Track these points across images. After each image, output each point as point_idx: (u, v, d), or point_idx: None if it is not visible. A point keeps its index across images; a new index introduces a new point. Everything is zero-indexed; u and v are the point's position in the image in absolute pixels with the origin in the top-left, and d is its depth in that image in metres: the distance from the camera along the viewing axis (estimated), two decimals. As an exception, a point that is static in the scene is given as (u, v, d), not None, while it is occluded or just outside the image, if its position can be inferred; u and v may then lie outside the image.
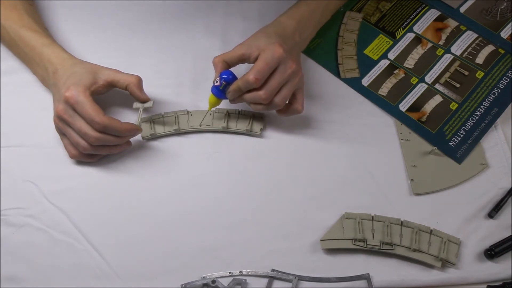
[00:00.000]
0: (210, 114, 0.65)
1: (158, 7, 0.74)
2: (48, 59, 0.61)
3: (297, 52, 0.65)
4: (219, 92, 0.60)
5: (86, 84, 0.58)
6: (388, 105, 0.69)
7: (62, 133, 0.60)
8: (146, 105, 0.62)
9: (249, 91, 0.59)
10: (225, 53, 0.61)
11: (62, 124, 0.58)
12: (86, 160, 0.61)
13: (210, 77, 0.68)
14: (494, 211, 0.61)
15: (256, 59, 0.59)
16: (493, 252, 0.58)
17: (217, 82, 0.60)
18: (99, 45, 0.70)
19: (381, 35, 0.74)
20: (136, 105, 0.63)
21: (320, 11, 0.68)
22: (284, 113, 0.63)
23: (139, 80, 0.61)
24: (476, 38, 0.73)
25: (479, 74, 0.71)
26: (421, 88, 0.70)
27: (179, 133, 0.65)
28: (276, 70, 0.58)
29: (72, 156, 0.60)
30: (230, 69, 0.60)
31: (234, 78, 0.59)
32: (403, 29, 0.75)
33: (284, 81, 0.58)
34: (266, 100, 0.58)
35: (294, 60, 0.59)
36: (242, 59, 0.60)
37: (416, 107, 0.68)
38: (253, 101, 0.60)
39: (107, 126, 0.56)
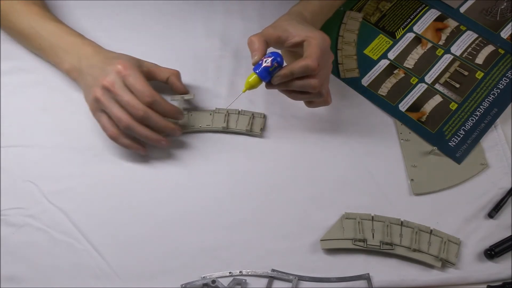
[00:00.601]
0: (210, 114, 0.65)
1: (158, 7, 0.74)
2: (83, 44, 0.62)
3: None
4: (267, 74, 0.56)
5: (136, 60, 0.60)
6: (388, 105, 0.69)
7: (100, 111, 0.59)
8: (186, 97, 0.64)
9: (300, 78, 0.56)
10: (261, 33, 0.57)
11: (106, 97, 0.57)
12: (123, 143, 0.59)
13: (210, 77, 0.69)
14: (494, 211, 0.61)
15: (294, 45, 0.57)
16: (493, 252, 0.58)
17: (266, 62, 0.55)
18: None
19: (381, 35, 0.74)
20: (175, 97, 0.64)
21: (328, 8, 0.68)
22: (316, 104, 0.62)
23: (179, 73, 0.64)
24: (476, 38, 0.73)
25: (479, 74, 0.71)
26: (421, 88, 0.70)
27: (179, 133, 0.65)
28: (323, 59, 0.56)
29: (111, 135, 0.59)
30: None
31: (283, 61, 0.56)
32: (403, 29, 0.75)
33: (329, 71, 0.58)
34: (316, 89, 0.56)
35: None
36: (277, 42, 0.58)
37: (415, 107, 0.68)
38: (302, 89, 0.57)
39: (156, 101, 0.57)
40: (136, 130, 0.58)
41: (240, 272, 0.57)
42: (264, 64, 0.55)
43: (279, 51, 0.57)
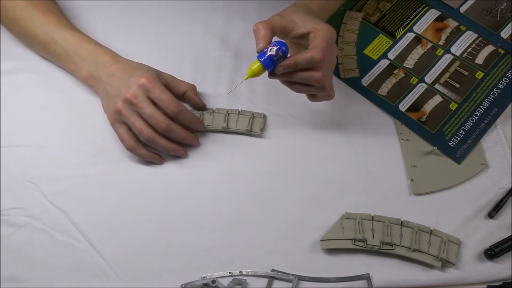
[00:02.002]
0: (211, 114, 0.65)
1: (158, 7, 0.74)
2: (100, 52, 0.62)
3: None
4: (271, 62, 0.54)
5: (157, 72, 0.61)
6: (387, 105, 0.69)
7: (120, 122, 0.59)
8: (206, 112, 0.64)
9: (303, 70, 0.55)
10: (268, 20, 0.56)
11: (128, 109, 0.58)
12: (140, 154, 0.60)
13: (210, 77, 0.69)
14: (494, 211, 0.61)
15: (299, 36, 0.57)
16: (493, 252, 0.58)
17: (271, 51, 0.54)
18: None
19: (381, 35, 0.74)
20: (194, 112, 0.65)
21: (333, 3, 0.68)
22: (318, 98, 0.61)
23: (195, 87, 0.65)
24: (476, 38, 0.73)
25: (479, 74, 0.71)
26: (420, 88, 0.70)
27: (179, 133, 0.65)
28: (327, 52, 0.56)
29: (128, 146, 0.60)
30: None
31: (288, 51, 0.55)
32: (403, 29, 0.75)
33: (332, 65, 0.58)
34: (320, 82, 0.56)
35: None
36: (282, 31, 0.57)
37: (415, 107, 0.68)
38: (306, 81, 0.56)
39: (182, 111, 0.59)
40: (157, 142, 0.59)
41: (240, 272, 0.57)
42: (269, 53, 0.54)
43: (284, 41, 0.56)
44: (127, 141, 0.60)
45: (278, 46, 0.54)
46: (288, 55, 0.55)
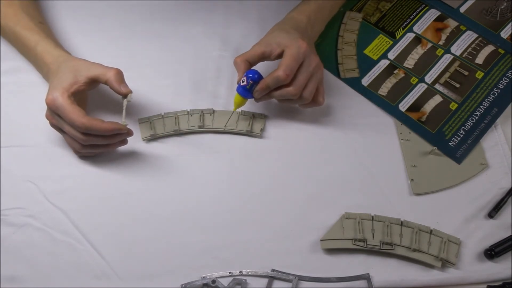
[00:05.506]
0: (211, 114, 0.65)
1: (158, 7, 0.74)
2: (42, 58, 0.61)
3: (313, 46, 0.65)
4: (246, 92, 0.60)
5: (65, 86, 0.56)
6: (387, 105, 0.69)
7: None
8: (128, 98, 0.58)
9: (278, 88, 0.59)
10: (246, 52, 0.61)
11: (55, 127, 0.59)
12: (89, 154, 0.61)
13: (210, 77, 0.69)
14: (494, 211, 0.61)
15: (278, 56, 0.59)
16: (493, 252, 0.58)
17: (243, 82, 0.60)
18: (99, 45, 0.70)
19: (381, 35, 0.74)
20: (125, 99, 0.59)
21: (329, 7, 0.69)
22: (307, 105, 0.63)
23: (116, 73, 0.58)
24: (476, 38, 0.73)
25: (479, 74, 0.71)
26: (421, 88, 0.70)
27: (179, 133, 0.65)
28: (302, 65, 0.59)
29: (75, 152, 0.61)
30: (254, 68, 0.61)
31: (260, 77, 0.60)
32: (403, 29, 0.75)
33: (310, 75, 0.59)
34: (295, 96, 0.59)
35: (315, 53, 0.60)
36: (262, 57, 0.61)
37: (415, 107, 0.68)
38: (282, 98, 0.60)
39: (88, 128, 0.55)
40: (90, 151, 0.60)
41: (240, 272, 0.57)
42: (241, 84, 0.60)
43: (256, 69, 0.60)
44: (72, 147, 0.60)
45: (248, 75, 0.59)
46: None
